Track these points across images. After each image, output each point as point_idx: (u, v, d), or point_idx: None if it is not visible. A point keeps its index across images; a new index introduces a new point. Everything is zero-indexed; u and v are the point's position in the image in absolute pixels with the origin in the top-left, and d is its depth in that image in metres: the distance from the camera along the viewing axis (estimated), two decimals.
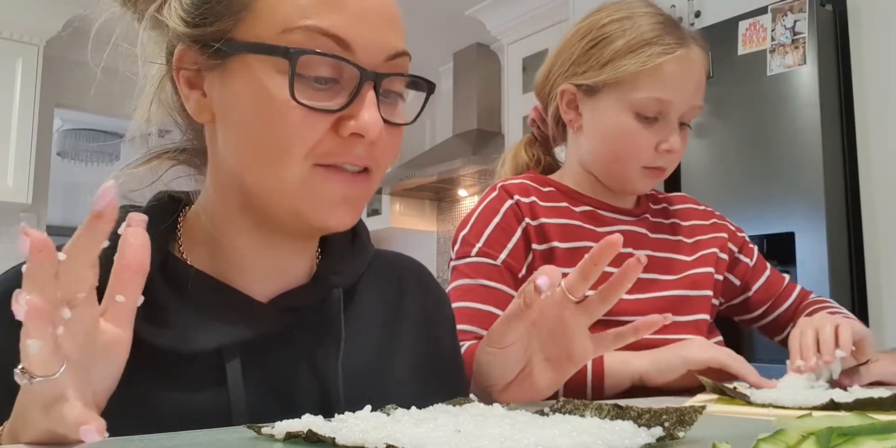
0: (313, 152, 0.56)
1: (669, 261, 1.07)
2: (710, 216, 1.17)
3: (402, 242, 4.87)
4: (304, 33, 0.54)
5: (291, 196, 0.57)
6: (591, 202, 1.07)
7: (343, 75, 0.56)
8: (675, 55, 0.98)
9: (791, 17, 2.15)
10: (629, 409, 0.49)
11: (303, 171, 0.56)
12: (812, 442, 0.35)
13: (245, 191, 0.59)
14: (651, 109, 0.98)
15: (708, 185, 2.32)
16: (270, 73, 0.55)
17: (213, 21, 0.56)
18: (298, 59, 0.54)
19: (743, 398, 0.72)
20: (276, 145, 0.55)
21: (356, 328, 0.65)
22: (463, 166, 3.79)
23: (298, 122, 0.54)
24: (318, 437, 0.44)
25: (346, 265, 0.67)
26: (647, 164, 1.01)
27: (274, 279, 0.63)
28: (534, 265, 0.99)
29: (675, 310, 1.02)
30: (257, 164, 0.57)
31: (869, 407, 0.64)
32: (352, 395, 0.61)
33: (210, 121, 0.60)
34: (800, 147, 2.11)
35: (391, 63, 0.58)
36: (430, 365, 0.71)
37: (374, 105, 0.56)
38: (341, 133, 0.56)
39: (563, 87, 1.04)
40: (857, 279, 2.09)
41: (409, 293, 0.73)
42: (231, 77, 0.56)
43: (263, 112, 0.55)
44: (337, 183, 0.57)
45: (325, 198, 0.57)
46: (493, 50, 4.23)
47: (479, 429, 0.43)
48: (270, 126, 0.55)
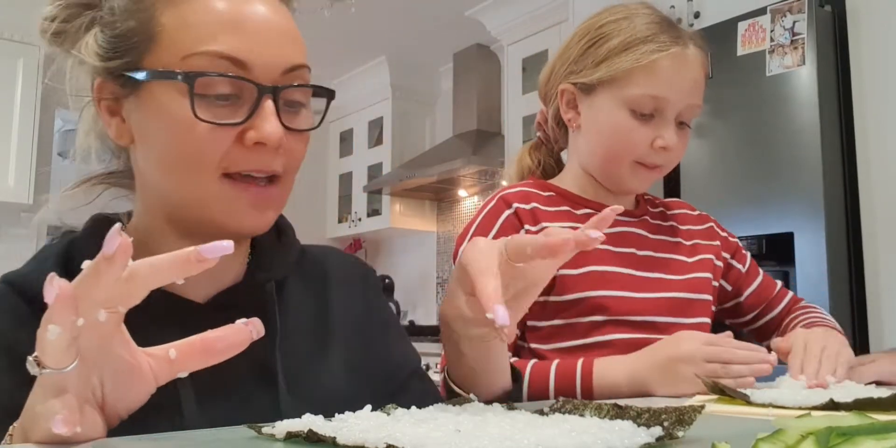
0: (221, 164, 0.61)
1: (671, 261, 1.07)
2: (706, 221, 1.19)
3: (402, 243, 4.88)
4: (204, 58, 0.60)
5: (206, 205, 0.63)
6: (592, 205, 1.07)
7: (243, 91, 0.62)
8: (670, 52, 0.99)
9: (790, 17, 2.15)
10: (629, 409, 0.49)
11: (213, 182, 0.62)
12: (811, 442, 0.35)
13: (168, 204, 0.65)
14: (646, 106, 0.99)
15: (707, 185, 2.32)
16: (174, 96, 0.61)
17: (123, 54, 0.63)
18: (195, 80, 0.60)
19: (743, 398, 0.72)
20: (187, 160, 0.61)
21: (289, 320, 0.70)
22: (463, 166, 3.79)
23: (204, 137, 0.60)
24: (318, 436, 0.44)
25: (275, 260, 0.72)
26: (640, 160, 1.02)
27: (209, 282, 0.67)
28: None
29: (679, 312, 1.03)
30: (173, 178, 0.63)
31: (869, 407, 0.64)
32: (292, 379, 0.66)
33: (130, 144, 0.66)
34: (799, 147, 2.11)
35: (289, 75, 0.64)
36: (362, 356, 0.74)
37: (272, 115, 0.61)
38: (245, 143, 0.61)
39: (563, 86, 1.06)
40: (856, 279, 2.10)
41: (335, 285, 0.77)
42: (143, 102, 0.63)
43: (172, 132, 0.61)
44: (246, 191, 0.63)
45: (236, 205, 0.63)
46: (493, 50, 4.23)
47: (478, 429, 0.43)
48: (180, 143, 0.61)
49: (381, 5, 3.66)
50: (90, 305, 0.44)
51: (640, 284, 1.02)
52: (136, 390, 0.49)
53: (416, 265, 4.74)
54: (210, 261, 0.47)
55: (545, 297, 1.00)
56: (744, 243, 2.15)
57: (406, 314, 4.67)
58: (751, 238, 2.16)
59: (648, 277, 1.03)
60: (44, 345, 0.43)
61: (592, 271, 1.00)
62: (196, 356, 0.49)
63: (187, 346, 0.49)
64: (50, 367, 0.44)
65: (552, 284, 0.99)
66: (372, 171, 4.66)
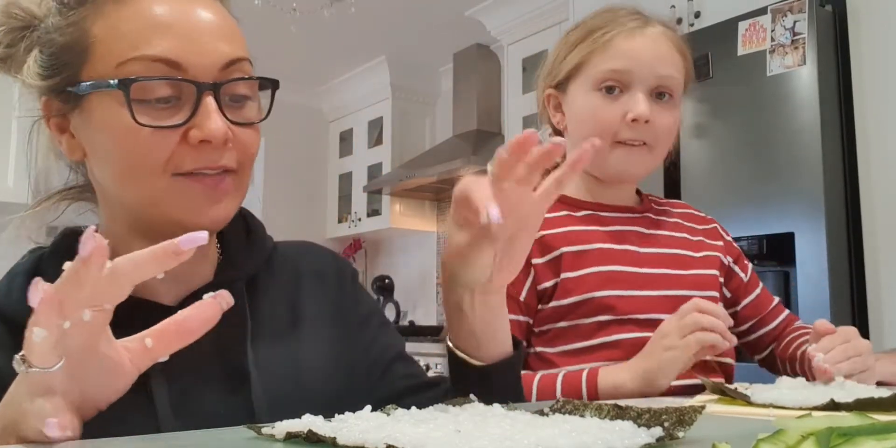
0: (169, 164, 0.62)
1: (676, 256, 1.07)
2: (710, 222, 1.18)
3: (402, 243, 4.87)
4: (138, 63, 0.60)
5: (161, 206, 0.63)
6: (590, 206, 1.07)
7: (182, 92, 0.62)
8: (625, 28, 1.02)
9: (791, 17, 2.15)
10: (629, 409, 0.49)
11: (164, 183, 0.62)
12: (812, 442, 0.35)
13: (128, 211, 0.66)
14: (609, 80, 1.01)
15: (708, 185, 2.32)
16: (113, 104, 0.61)
17: (62, 70, 0.63)
18: (130, 86, 0.60)
19: (743, 398, 0.72)
20: (135, 166, 0.62)
21: (261, 318, 0.70)
22: (463, 167, 3.79)
23: (148, 141, 0.60)
24: (318, 437, 0.44)
25: (244, 259, 0.72)
26: (617, 138, 1.02)
27: (179, 284, 0.67)
28: (538, 279, 0.99)
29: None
30: (126, 184, 0.63)
31: (869, 407, 0.64)
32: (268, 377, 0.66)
33: (82, 158, 0.66)
34: (799, 147, 2.11)
35: (229, 70, 0.64)
36: (340, 349, 0.74)
37: (215, 113, 0.61)
38: (191, 142, 0.61)
39: (546, 92, 1.10)
40: (856, 279, 2.10)
41: (306, 285, 0.77)
42: (87, 115, 0.63)
43: (117, 140, 0.61)
44: (198, 187, 0.63)
45: (190, 202, 0.63)
46: (493, 50, 4.23)
47: (479, 429, 0.43)
48: (126, 151, 0.61)
49: (381, 5, 3.66)
50: (74, 306, 0.45)
51: (645, 281, 1.01)
52: (116, 385, 0.50)
53: (416, 265, 4.74)
54: (187, 252, 0.47)
55: (549, 303, 0.99)
56: (744, 243, 2.17)
57: (406, 314, 4.67)
58: (751, 238, 2.16)
59: (653, 274, 1.03)
60: (30, 346, 0.44)
61: (595, 272, 1.00)
62: (172, 339, 0.49)
63: (161, 332, 0.49)
64: (36, 367, 0.45)
65: (554, 289, 0.99)
66: (372, 171, 4.65)
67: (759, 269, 2.19)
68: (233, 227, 0.73)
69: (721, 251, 1.13)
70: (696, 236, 1.12)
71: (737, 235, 2.19)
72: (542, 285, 1.00)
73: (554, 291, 0.99)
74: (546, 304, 1.00)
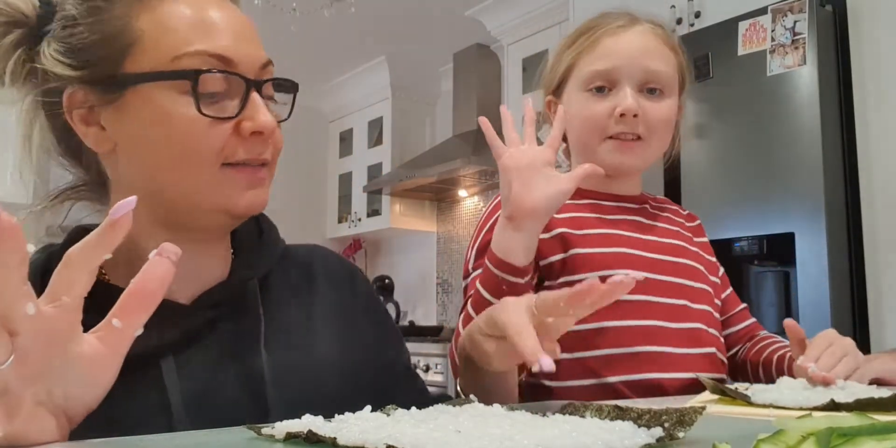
0: (221, 155, 0.64)
1: (675, 246, 1.08)
2: (694, 219, 1.21)
3: (402, 243, 4.87)
4: (195, 58, 0.63)
5: (205, 194, 0.65)
6: (592, 195, 1.09)
7: (231, 87, 0.65)
8: (609, 28, 1.05)
9: (791, 17, 2.15)
10: (629, 410, 0.49)
11: (214, 172, 0.64)
12: (812, 442, 0.35)
13: (157, 204, 0.66)
14: (597, 80, 1.03)
15: (708, 185, 2.32)
16: (172, 95, 0.62)
17: (97, 62, 0.63)
18: (199, 78, 0.62)
19: (744, 398, 0.72)
20: (189, 155, 0.63)
21: (274, 317, 0.71)
22: (463, 167, 3.79)
23: (205, 132, 0.63)
24: (318, 437, 0.44)
25: (257, 258, 0.74)
26: (608, 134, 1.03)
27: (193, 282, 0.68)
28: (542, 254, 0.99)
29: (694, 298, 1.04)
30: (173, 175, 0.64)
31: (869, 407, 0.64)
32: (281, 374, 0.67)
33: (111, 150, 0.66)
34: (800, 147, 2.11)
35: (263, 71, 0.68)
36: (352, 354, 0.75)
37: (263, 107, 0.66)
38: (242, 134, 0.65)
39: (547, 99, 1.12)
40: (857, 279, 2.09)
41: (319, 286, 0.78)
42: (131, 106, 0.63)
43: (172, 130, 0.63)
44: (243, 177, 0.66)
45: (234, 189, 0.65)
46: (493, 50, 4.23)
47: (479, 429, 0.43)
48: (183, 139, 0.63)
49: (381, 5, 3.66)
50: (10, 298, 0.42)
51: (652, 265, 1.02)
52: (100, 380, 0.48)
53: (416, 265, 4.74)
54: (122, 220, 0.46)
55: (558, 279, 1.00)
56: (744, 243, 2.17)
57: (406, 314, 4.67)
58: (751, 238, 2.16)
59: (658, 259, 1.04)
60: None
61: (609, 252, 1.01)
62: (137, 310, 0.47)
63: (124, 308, 0.48)
64: None
65: (563, 264, 1.00)
66: (372, 171, 4.65)
67: (759, 270, 2.20)
68: (246, 227, 0.75)
69: (707, 248, 1.16)
70: (687, 232, 1.14)
71: (737, 235, 2.20)
72: (548, 260, 1.00)
73: (563, 266, 0.99)
74: (555, 280, 1.00)
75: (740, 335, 1.15)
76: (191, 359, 0.65)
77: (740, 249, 2.17)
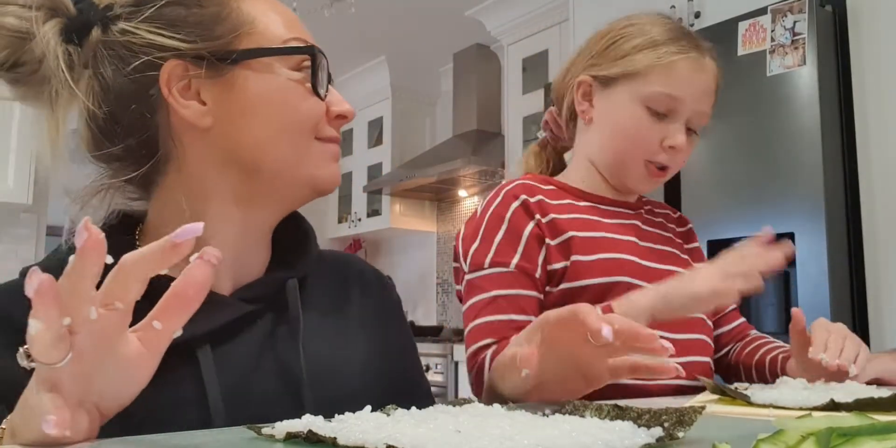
0: (315, 129, 0.70)
1: (669, 253, 1.09)
2: (686, 223, 1.21)
3: (402, 243, 4.88)
4: (297, 43, 0.70)
5: (303, 165, 0.70)
6: (592, 198, 1.08)
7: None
8: (689, 56, 1.03)
9: (791, 17, 2.15)
10: (629, 410, 0.49)
11: (309, 144, 0.70)
12: (812, 442, 0.35)
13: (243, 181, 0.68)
14: (661, 105, 1.02)
15: (708, 185, 2.32)
16: (284, 71, 0.68)
17: (208, 37, 0.66)
18: (316, 57, 0.69)
19: (743, 398, 0.72)
20: (292, 127, 0.69)
21: (310, 317, 0.72)
22: (463, 167, 3.79)
23: (309, 106, 0.69)
24: (318, 437, 0.44)
25: (297, 259, 0.76)
26: (650, 158, 1.04)
27: (234, 275, 0.70)
28: (549, 260, 1.00)
29: None
30: (276, 146, 0.68)
31: (869, 407, 0.64)
32: (314, 374, 0.68)
33: (209, 125, 0.67)
34: (799, 147, 2.11)
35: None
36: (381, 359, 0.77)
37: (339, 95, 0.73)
38: (330, 115, 0.71)
39: (581, 77, 1.08)
40: (856, 279, 2.10)
41: (353, 291, 0.81)
42: (239, 81, 0.67)
43: (282, 103, 0.68)
44: (330, 150, 0.72)
45: (324, 162, 0.71)
46: (493, 50, 4.23)
47: (479, 429, 0.43)
48: (288, 112, 0.68)
49: (381, 5, 3.66)
50: (77, 302, 0.44)
51: (647, 273, 1.02)
52: (138, 378, 0.49)
53: (416, 265, 4.74)
54: (185, 244, 0.46)
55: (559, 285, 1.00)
56: None
57: (406, 315, 4.66)
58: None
59: (652, 267, 1.04)
60: (30, 340, 0.43)
61: (607, 258, 1.00)
62: (177, 313, 0.48)
63: (164, 310, 0.48)
64: (38, 361, 0.44)
65: (565, 271, 1.00)
66: (372, 172, 4.66)
67: None
68: (286, 226, 0.77)
69: (699, 254, 1.17)
70: (678, 238, 1.15)
71: (737, 235, 2.20)
72: (553, 266, 1.00)
73: (564, 273, 0.99)
74: (555, 287, 1.00)
75: (732, 335, 1.15)
76: (229, 352, 0.65)
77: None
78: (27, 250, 3.90)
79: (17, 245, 3.86)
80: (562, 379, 0.71)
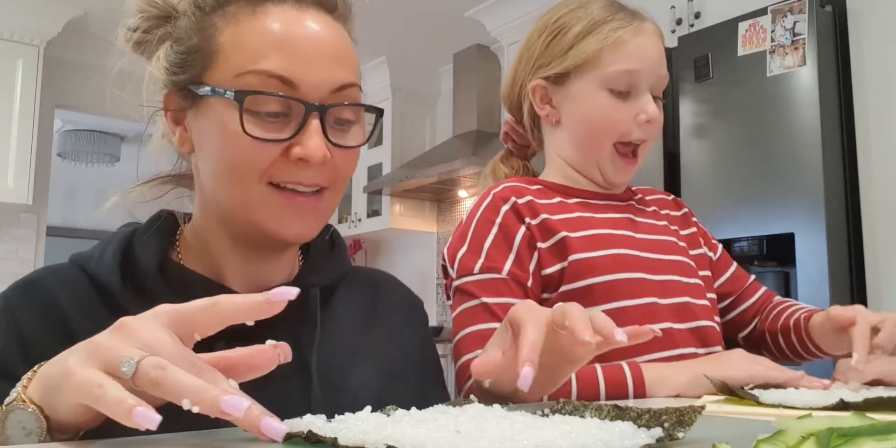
0: (266, 174, 0.65)
1: (665, 242, 1.07)
2: (682, 206, 1.19)
3: (402, 243, 4.88)
4: (254, 76, 0.64)
5: (252, 212, 0.67)
6: (581, 193, 1.07)
7: (292, 109, 0.65)
8: (632, 27, 1.01)
9: (791, 18, 2.15)
10: (629, 410, 0.49)
11: (260, 191, 0.66)
12: (812, 443, 0.35)
13: (220, 207, 0.69)
14: (622, 82, 1.00)
15: (708, 185, 2.32)
16: (227, 110, 0.64)
17: (187, 69, 0.67)
18: (245, 98, 0.63)
19: (752, 398, 0.71)
20: (235, 169, 0.65)
21: (332, 327, 0.74)
22: (463, 167, 3.79)
23: (250, 150, 0.64)
24: (318, 437, 0.44)
25: (323, 269, 0.77)
26: (623, 139, 1.02)
27: (257, 280, 0.72)
28: (543, 264, 0.98)
29: (693, 293, 1.03)
30: (224, 184, 0.67)
31: (879, 407, 0.64)
32: (325, 382, 0.69)
33: (190, 151, 0.71)
34: (800, 148, 2.11)
35: (339, 94, 0.68)
36: (398, 370, 0.77)
37: (317, 133, 0.65)
38: (290, 158, 0.65)
39: (534, 83, 1.06)
40: (857, 280, 2.09)
41: (385, 306, 0.82)
42: (202, 115, 0.67)
43: (223, 143, 0.65)
44: (289, 201, 0.66)
45: (279, 214, 0.67)
46: (492, 51, 4.23)
47: (479, 430, 0.43)
48: (229, 154, 0.65)
49: (381, 5, 3.66)
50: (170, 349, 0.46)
51: (648, 266, 1.01)
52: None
53: (416, 266, 4.74)
54: (279, 304, 0.49)
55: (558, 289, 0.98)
56: (744, 244, 2.17)
57: None
58: (751, 239, 2.16)
59: (651, 258, 1.02)
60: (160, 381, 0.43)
61: (608, 255, 0.99)
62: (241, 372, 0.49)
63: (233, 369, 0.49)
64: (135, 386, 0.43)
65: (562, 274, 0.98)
66: (372, 172, 4.65)
67: (759, 270, 2.20)
68: (318, 239, 0.78)
69: (695, 239, 1.14)
70: (673, 224, 1.12)
71: (737, 236, 2.20)
72: (547, 271, 0.98)
73: (562, 276, 0.97)
74: (553, 292, 0.98)
75: (756, 308, 1.15)
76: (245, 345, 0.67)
77: (740, 250, 2.17)
78: (27, 250, 3.91)
79: (17, 245, 3.86)
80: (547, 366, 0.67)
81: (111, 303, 0.66)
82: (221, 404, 0.43)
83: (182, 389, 0.43)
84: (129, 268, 0.68)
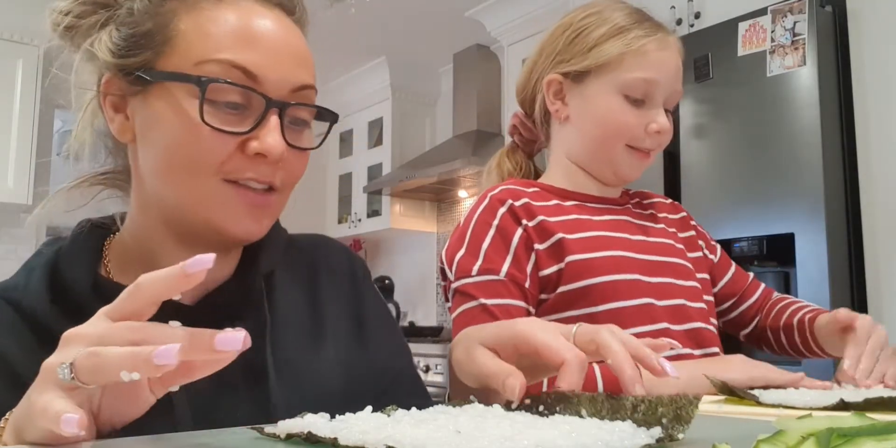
0: (221, 168, 0.63)
1: (663, 245, 1.07)
2: (679, 210, 1.19)
3: (403, 243, 4.87)
4: (218, 65, 0.62)
5: (202, 207, 0.64)
6: (578, 197, 1.07)
7: (252, 103, 0.64)
8: (656, 37, 1.02)
9: (791, 18, 2.15)
10: (623, 400, 0.49)
11: (212, 185, 0.63)
12: (812, 443, 0.35)
13: (165, 205, 0.66)
14: (638, 90, 1.01)
15: (708, 185, 2.32)
16: (186, 97, 0.62)
17: (138, 53, 0.64)
18: (208, 86, 0.61)
19: (752, 398, 0.71)
20: (189, 161, 0.62)
21: (279, 313, 0.71)
22: (463, 167, 3.79)
23: (207, 141, 0.62)
24: (318, 438, 0.44)
25: (261, 255, 0.73)
26: (632, 143, 1.03)
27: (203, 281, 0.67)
28: (540, 266, 0.98)
29: (689, 296, 1.04)
30: (173, 177, 0.64)
31: (879, 407, 0.64)
32: (285, 373, 0.67)
33: (132, 141, 0.67)
34: (800, 148, 2.11)
35: (297, 94, 0.66)
36: (356, 342, 0.76)
37: (277, 129, 0.63)
38: (247, 152, 0.63)
39: (550, 77, 1.06)
40: (856, 280, 2.10)
41: (325, 276, 0.78)
42: (151, 102, 0.64)
43: (177, 132, 0.62)
44: (242, 197, 0.64)
45: (231, 210, 0.64)
46: (492, 51, 4.23)
47: (479, 430, 0.43)
48: (183, 145, 0.62)
49: (381, 5, 3.66)
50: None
51: (646, 268, 1.02)
52: (134, 412, 0.49)
53: (416, 266, 4.74)
54: (197, 274, 0.46)
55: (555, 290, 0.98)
56: (744, 244, 2.17)
57: (406, 315, 4.67)
58: (751, 239, 2.17)
59: (650, 260, 1.03)
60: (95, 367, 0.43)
61: (605, 256, 0.99)
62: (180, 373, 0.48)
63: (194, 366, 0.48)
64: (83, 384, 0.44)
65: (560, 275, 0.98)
66: (372, 172, 4.66)
67: (759, 270, 2.20)
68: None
69: (694, 241, 1.15)
70: (671, 227, 1.13)
71: (737, 236, 2.20)
72: (544, 272, 0.98)
73: (560, 277, 0.98)
74: (551, 293, 0.98)
75: (756, 306, 1.16)
76: None
77: (740, 250, 2.17)
78: (27, 250, 3.90)
79: (17, 245, 3.86)
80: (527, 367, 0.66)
81: (40, 331, 0.62)
82: (154, 360, 0.42)
83: (116, 364, 0.42)
84: (60, 294, 0.64)
